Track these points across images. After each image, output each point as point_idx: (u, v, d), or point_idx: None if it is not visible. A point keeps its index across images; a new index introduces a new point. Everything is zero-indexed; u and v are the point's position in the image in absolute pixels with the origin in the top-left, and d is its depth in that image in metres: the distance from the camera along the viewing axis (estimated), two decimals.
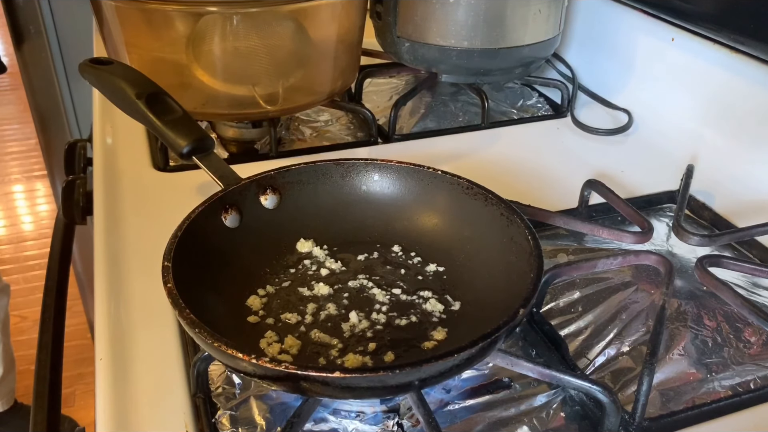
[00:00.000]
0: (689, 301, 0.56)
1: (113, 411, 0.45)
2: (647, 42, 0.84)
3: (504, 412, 0.46)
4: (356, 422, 0.44)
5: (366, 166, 0.57)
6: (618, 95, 0.89)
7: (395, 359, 0.45)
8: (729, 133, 0.74)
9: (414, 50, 0.83)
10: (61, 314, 0.60)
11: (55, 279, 0.63)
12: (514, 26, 0.80)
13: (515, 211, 0.50)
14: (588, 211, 0.66)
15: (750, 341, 0.52)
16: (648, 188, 0.70)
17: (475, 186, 0.53)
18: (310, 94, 0.75)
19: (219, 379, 0.47)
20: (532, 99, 0.94)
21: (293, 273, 0.53)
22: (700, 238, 0.59)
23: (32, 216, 2.37)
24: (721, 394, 0.47)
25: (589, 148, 0.80)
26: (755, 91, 0.71)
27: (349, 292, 0.51)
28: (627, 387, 0.48)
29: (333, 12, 0.71)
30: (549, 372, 0.44)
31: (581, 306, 0.55)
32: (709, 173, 0.72)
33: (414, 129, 0.85)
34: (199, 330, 0.38)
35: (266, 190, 0.55)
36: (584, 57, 0.95)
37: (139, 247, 0.60)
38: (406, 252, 0.55)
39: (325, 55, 0.73)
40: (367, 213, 0.57)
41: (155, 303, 0.53)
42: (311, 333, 0.47)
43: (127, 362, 0.49)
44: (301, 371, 0.36)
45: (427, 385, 0.40)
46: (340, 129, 0.85)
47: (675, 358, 0.50)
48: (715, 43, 0.74)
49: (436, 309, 0.49)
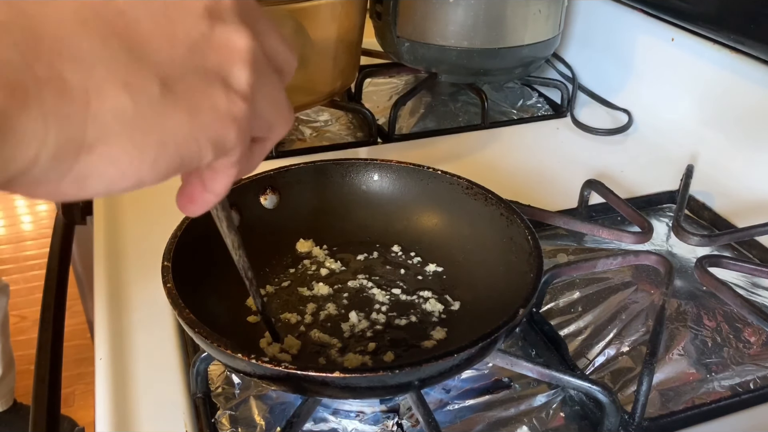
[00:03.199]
0: (689, 301, 0.56)
1: (113, 411, 0.45)
2: (647, 42, 0.84)
3: (504, 412, 0.46)
4: (356, 422, 0.44)
5: (366, 166, 0.57)
6: (618, 95, 0.89)
7: (395, 359, 0.45)
8: (729, 133, 0.74)
9: (414, 50, 0.83)
10: (60, 314, 0.59)
11: (54, 279, 0.63)
12: (513, 26, 0.80)
13: (515, 211, 0.50)
14: (588, 211, 0.66)
15: (750, 341, 0.52)
16: (648, 188, 0.70)
17: (474, 186, 0.53)
18: (310, 94, 0.75)
19: (219, 379, 0.47)
20: (532, 99, 0.94)
21: (293, 273, 0.53)
22: (699, 238, 0.59)
23: (32, 216, 2.37)
24: (721, 394, 0.47)
25: (589, 148, 0.80)
26: (755, 91, 0.71)
27: (349, 292, 0.51)
28: (627, 387, 0.48)
29: (333, 12, 0.71)
30: (549, 372, 0.44)
31: (581, 306, 0.55)
32: (709, 173, 0.72)
33: (414, 129, 0.85)
34: (199, 330, 0.38)
35: (266, 190, 0.55)
36: (584, 57, 0.95)
37: (139, 247, 0.60)
38: (406, 252, 0.55)
39: (325, 55, 0.73)
40: (366, 213, 0.57)
41: (155, 303, 0.53)
42: (311, 333, 0.47)
43: (126, 362, 0.49)
44: (300, 371, 0.36)
45: (426, 385, 0.40)
46: (339, 129, 0.85)
47: (675, 358, 0.50)
48: (715, 43, 0.74)
49: (436, 309, 0.49)
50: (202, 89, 0.24)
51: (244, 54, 0.25)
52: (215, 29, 0.24)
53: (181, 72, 0.23)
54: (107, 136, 0.22)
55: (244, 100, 0.25)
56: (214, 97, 0.24)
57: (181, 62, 0.23)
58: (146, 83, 0.22)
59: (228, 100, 0.25)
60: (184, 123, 0.23)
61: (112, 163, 0.22)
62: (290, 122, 0.30)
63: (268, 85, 0.27)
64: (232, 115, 0.25)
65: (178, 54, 0.23)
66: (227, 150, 0.26)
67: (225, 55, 0.25)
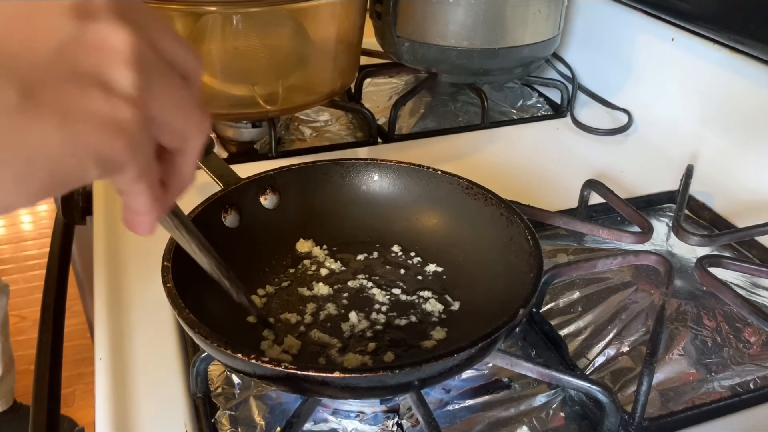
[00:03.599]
0: (689, 301, 0.56)
1: (113, 411, 0.45)
2: (647, 42, 0.84)
3: (504, 412, 0.46)
4: (356, 422, 0.44)
5: (366, 166, 0.57)
6: (618, 95, 0.89)
7: (395, 359, 0.45)
8: (729, 133, 0.74)
9: (414, 50, 0.83)
10: (60, 314, 0.59)
11: (54, 279, 0.63)
12: (513, 26, 0.80)
13: (515, 211, 0.50)
14: (588, 211, 0.66)
15: (750, 341, 0.52)
16: (648, 188, 0.70)
17: (474, 186, 0.53)
18: (310, 93, 0.75)
19: (218, 379, 0.47)
20: (532, 99, 0.94)
21: (293, 273, 0.53)
22: (699, 238, 0.59)
23: (32, 216, 2.37)
24: (721, 394, 0.47)
25: (588, 148, 0.80)
26: (755, 91, 0.71)
27: (349, 292, 0.51)
28: (627, 387, 0.48)
29: (333, 12, 0.71)
30: (549, 372, 0.44)
31: (581, 306, 0.55)
32: (709, 173, 0.72)
33: (414, 129, 0.85)
34: (199, 330, 0.38)
35: (266, 190, 0.55)
36: (584, 57, 0.95)
37: (139, 247, 0.60)
38: (406, 252, 0.55)
39: (325, 54, 0.73)
40: (366, 213, 0.57)
41: (155, 303, 0.53)
42: (311, 333, 0.47)
43: (126, 362, 0.49)
44: (301, 371, 0.36)
45: (426, 385, 0.40)
46: (339, 129, 0.85)
47: (675, 358, 0.50)
48: (715, 43, 0.74)
49: (436, 309, 0.49)
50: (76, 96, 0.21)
51: (124, 53, 0.22)
52: (87, 29, 0.22)
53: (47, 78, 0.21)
54: None
55: (131, 105, 0.22)
56: (92, 103, 0.22)
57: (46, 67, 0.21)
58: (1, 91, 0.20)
59: (109, 105, 0.22)
60: (54, 135, 0.21)
61: None
62: (205, 128, 0.26)
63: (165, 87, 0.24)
64: (115, 122, 0.22)
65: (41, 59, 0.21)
66: (118, 164, 0.23)
67: (101, 57, 0.22)
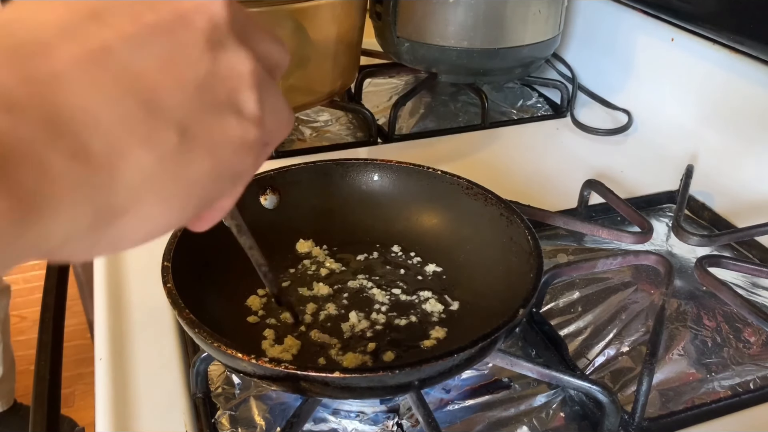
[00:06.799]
0: (689, 301, 0.56)
1: (113, 411, 0.45)
2: (647, 42, 0.84)
3: (504, 412, 0.46)
4: (356, 422, 0.44)
5: (366, 166, 0.57)
6: (618, 95, 0.89)
7: (395, 359, 0.45)
8: (729, 133, 0.74)
9: (414, 50, 0.83)
10: (60, 314, 0.59)
11: (54, 279, 0.63)
12: (513, 26, 0.80)
13: (515, 211, 0.50)
14: (588, 211, 0.66)
15: (750, 341, 0.52)
16: (648, 188, 0.70)
17: (474, 186, 0.53)
18: (310, 94, 0.75)
19: (219, 379, 0.47)
20: (532, 99, 0.94)
21: (293, 273, 0.53)
22: (699, 238, 0.59)
23: None
24: (721, 394, 0.47)
25: (588, 148, 0.80)
26: (755, 91, 0.71)
27: (349, 292, 0.51)
28: (627, 387, 0.48)
29: (333, 12, 0.71)
30: (549, 372, 0.44)
31: (581, 306, 0.55)
32: (708, 173, 0.72)
33: (414, 129, 0.85)
34: (199, 330, 0.38)
35: (266, 190, 0.55)
36: (584, 57, 0.95)
37: (139, 247, 0.60)
38: (406, 252, 0.55)
39: (325, 55, 0.73)
40: (366, 213, 0.57)
41: (155, 303, 0.53)
42: (311, 333, 0.47)
43: (126, 362, 0.49)
44: (300, 371, 0.36)
45: (426, 385, 0.40)
46: (339, 129, 0.85)
47: (675, 358, 0.50)
48: (715, 43, 0.74)
49: (436, 309, 0.49)
50: (217, 125, 0.23)
51: (248, 78, 0.24)
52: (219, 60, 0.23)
53: (195, 113, 0.23)
54: (137, 198, 0.21)
55: (256, 124, 0.25)
56: (229, 130, 0.24)
57: (193, 104, 0.23)
58: (164, 135, 0.22)
59: (242, 129, 0.24)
60: (205, 166, 0.23)
61: (145, 221, 0.22)
62: (291, 124, 0.29)
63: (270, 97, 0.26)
64: (247, 143, 0.24)
65: (188, 96, 0.23)
66: (246, 177, 0.26)
67: (232, 85, 0.24)
